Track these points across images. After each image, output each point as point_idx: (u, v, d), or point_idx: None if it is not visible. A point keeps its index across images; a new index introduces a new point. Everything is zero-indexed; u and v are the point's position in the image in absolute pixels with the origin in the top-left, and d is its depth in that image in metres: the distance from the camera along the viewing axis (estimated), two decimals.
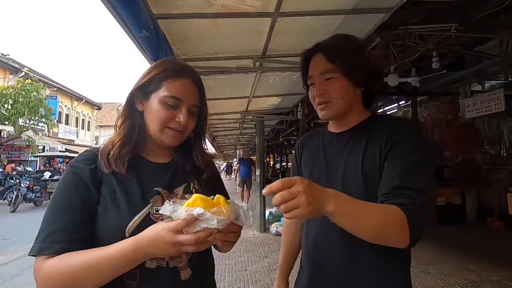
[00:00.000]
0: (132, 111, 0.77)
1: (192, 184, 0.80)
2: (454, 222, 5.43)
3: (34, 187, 9.77)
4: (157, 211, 0.69)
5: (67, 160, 13.84)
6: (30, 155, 14.83)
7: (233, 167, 26.10)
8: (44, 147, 16.13)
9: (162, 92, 0.73)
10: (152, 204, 0.70)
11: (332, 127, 0.95)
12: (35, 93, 12.00)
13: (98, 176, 0.70)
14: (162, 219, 0.64)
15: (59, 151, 15.81)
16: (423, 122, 6.76)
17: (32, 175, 10.59)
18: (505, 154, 5.78)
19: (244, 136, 10.57)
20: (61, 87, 18.89)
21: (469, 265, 3.47)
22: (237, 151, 15.22)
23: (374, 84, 0.89)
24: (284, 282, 1.08)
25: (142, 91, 0.75)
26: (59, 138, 18.65)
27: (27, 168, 12.41)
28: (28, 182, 9.60)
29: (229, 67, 3.12)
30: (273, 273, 3.41)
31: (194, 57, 2.85)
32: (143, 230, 0.60)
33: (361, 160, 0.80)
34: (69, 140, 20.05)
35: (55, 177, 10.82)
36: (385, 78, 4.22)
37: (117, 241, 0.61)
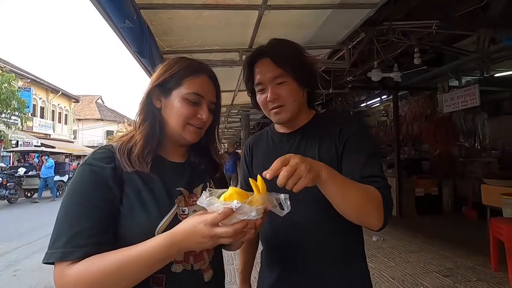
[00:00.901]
0: (151, 108, 0.75)
1: (208, 184, 0.81)
2: (432, 212, 5.68)
3: (8, 184, 9.35)
4: (183, 211, 0.70)
5: (43, 155, 13.26)
6: (2, 150, 14.07)
7: None
8: (17, 141, 15.34)
9: (185, 89, 0.74)
10: (177, 204, 0.70)
11: (280, 128, 0.98)
12: (6, 84, 11.30)
13: (119, 175, 0.67)
14: None
15: (34, 145, 15.08)
16: (404, 115, 6.97)
17: (5, 171, 10.10)
18: (479, 147, 6.09)
19: (229, 130, 10.53)
20: (35, 78, 17.92)
21: (446, 252, 3.65)
22: (222, 145, 15.13)
23: (316, 85, 0.95)
24: (247, 285, 1.11)
25: (161, 88, 0.75)
26: (34, 132, 17.78)
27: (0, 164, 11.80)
28: (0, 179, 9.15)
29: (215, 60, 3.06)
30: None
31: (178, 49, 2.78)
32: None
33: (318, 156, 0.85)
34: (45, 134, 19.16)
35: (31, 173, 10.35)
36: (369, 73, 4.30)
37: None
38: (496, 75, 5.06)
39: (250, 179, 0.62)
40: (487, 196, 3.99)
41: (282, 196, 0.60)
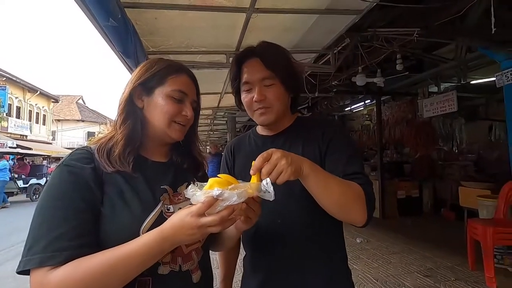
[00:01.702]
0: (133, 108, 0.74)
1: (192, 182, 0.79)
2: (413, 214, 5.85)
3: None
4: (168, 209, 0.70)
5: (18, 156, 12.65)
6: None
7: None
8: None
9: (168, 87, 0.74)
10: (162, 202, 0.70)
11: (263, 131, 0.99)
12: None
13: (99, 175, 0.64)
14: None
15: (9, 147, 14.35)
16: (386, 120, 7.17)
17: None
18: (456, 151, 6.34)
19: (215, 133, 10.43)
20: (11, 77, 17.14)
21: (427, 253, 3.76)
22: (207, 147, 15.00)
23: (301, 90, 0.98)
24: None
25: (143, 86, 0.74)
26: (9, 132, 16.95)
27: None
28: None
29: (201, 62, 3.04)
30: None
31: (164, 50, 2.74)
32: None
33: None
34: (21, 135, 18.31)
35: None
36: (353, 77, 4.39)
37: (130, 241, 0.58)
38: (472, 82, 5.30)
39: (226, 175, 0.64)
40: (464, 198, 4.14)
41: (264, 181, 0.61)
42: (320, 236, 0.86)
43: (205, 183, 0.62)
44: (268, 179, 0.61)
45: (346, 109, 8.39)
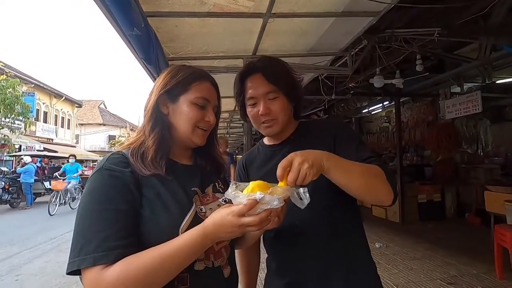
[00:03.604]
0: (160, 115, 0.78)
1: (217, 184, 0.86)
2: (435, 218, 5.64)
3: (10, 188, 9.36)
4: (201, 210, 0.74)
5: (46, 159, 13.29)
6: (5, 154, 14.13)
7: None
8: (20, 146, 15.41)
9: (192, 94, 0.78)
10: (195, 203, 0.74)
11: (270, 141, 1.04)
12: (11, 89, 11.39)
13: (137, 178, 0.69)
14: (206, 217, 0.67)
15: (37, 150, 15.15)
16: (406, 122, 6.99)
17: (7, 176, 10.09)
18: (481, 153, 6.07)
19: (231, 136, 10.54)
20: (39, 83, 18.09)
21: (450, 259, 3.62)
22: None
23: (301, 100, 1.01)
24: None
25: (168, 94, 0.78)
26: (37, 136, 17.86)
27: (2, 168, 11.78)
28: (3, 183, 9.17)
29: (219, 66, 3.10)
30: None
31: (183, 56, 2.82)
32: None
33: None
34: (47, 138, 19.25)
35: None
36: (371, 79, 4.33)
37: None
38: (498, 81, 5.08)
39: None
40: (491, 203, 3.96)
41: (301, 189, 0.64)
42: (340, 236, 0.87)
43: (243, 184, 0.66)
44: (305, 188, 0.64)
45: (364, 111, 8.24)
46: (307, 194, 0.63)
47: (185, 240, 0.62)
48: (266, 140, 1.06)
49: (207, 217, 0.66)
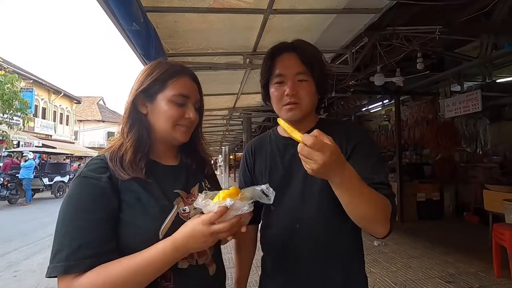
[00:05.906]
0: (137, 115, 0.76)
1: (203, 183, 0.84)
2: (433, 217, 5.67)
3: (9, 184, 9.34)
4: (184, 210, 0.72)
5: (44, 156, 13.25)
6: (4, 150, 14.07)
7: (218, 164, 25.89)
8: (19, 142, 15.36)
9: (169, 91, 0.75)
10: (176, 205, 0.72)
11: (284, 132, 0.93)
12: (9, 85, 11.32)
13: (115, 183, 0.68)
14: (189, 217, 0.69)
15: (36, 146, 15.09)
16: (405, 120, 6.98)
17: (6, 171, 10.08)
18: (480, 152, 6.08)
19: (230, 133, 10.52)
20: (37, 79, 18.00)
21: (448, 258, 3.63)
22: (223, 147, 15.14)
23: (328, 93, 0.97)
24: None
25: (146, 93, 0.76)
26: (35, 132, 17.81)
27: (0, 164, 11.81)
28: (2, 179, 9.15)
29: (219, 63, 3.08)
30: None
31: (183, 52, 2.79)
32: (175, 230, 0.64)
33: None
34: (46, 135, 19.19)
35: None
36: (371, 77, 4.31)
37: (150, 245, 0.62)
38: (498, 80, 5.07)
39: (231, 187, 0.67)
40: (489, 202, 3.97)
41: (263, 186, 0.66)
42: (338, 242, 0.86)
43: (213, 192, 0.67)
44: (267, 184, 0.66)
45: (363, 109, 8.23)
46: (271, 189, 0.65)
47: (154, 253, 0.61)
48: (280, 130, 0.99)
49: (190, 217, 0.67)
